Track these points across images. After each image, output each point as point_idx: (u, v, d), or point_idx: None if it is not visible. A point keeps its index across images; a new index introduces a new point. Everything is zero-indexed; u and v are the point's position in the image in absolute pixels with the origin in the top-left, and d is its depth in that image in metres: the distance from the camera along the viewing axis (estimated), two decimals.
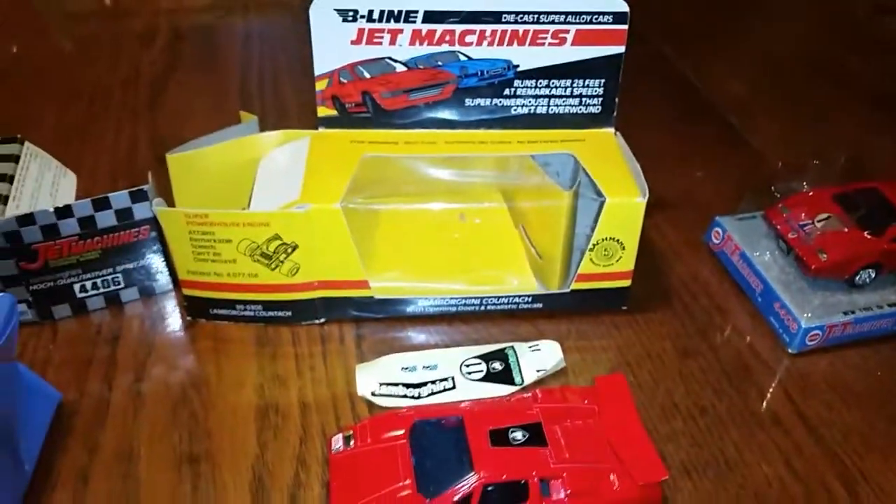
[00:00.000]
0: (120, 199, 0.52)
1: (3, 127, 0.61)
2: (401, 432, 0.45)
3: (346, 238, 0.53)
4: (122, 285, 0.56)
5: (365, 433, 0.46)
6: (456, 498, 0.41)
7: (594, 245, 0.54)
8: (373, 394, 0.51)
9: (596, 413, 0.46)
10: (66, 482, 0.46)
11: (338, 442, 0.46)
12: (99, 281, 0.55)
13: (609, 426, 0.45)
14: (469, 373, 0.53)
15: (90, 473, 0.46)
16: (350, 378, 0.53)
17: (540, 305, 0.57)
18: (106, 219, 0.53)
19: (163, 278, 0.58)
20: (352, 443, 0.45)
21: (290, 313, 0.56)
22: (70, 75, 0.87)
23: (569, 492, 0.42)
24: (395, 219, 0.61)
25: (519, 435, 0.44)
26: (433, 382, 0.52)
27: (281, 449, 0.48)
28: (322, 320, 0.57)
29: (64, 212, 0.51)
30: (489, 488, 0.41)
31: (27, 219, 0.51)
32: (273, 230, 0.52)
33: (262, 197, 0.55)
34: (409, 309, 0.56)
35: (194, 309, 0.56)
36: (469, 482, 0.41)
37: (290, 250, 0.53)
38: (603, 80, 0.58)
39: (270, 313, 0.56)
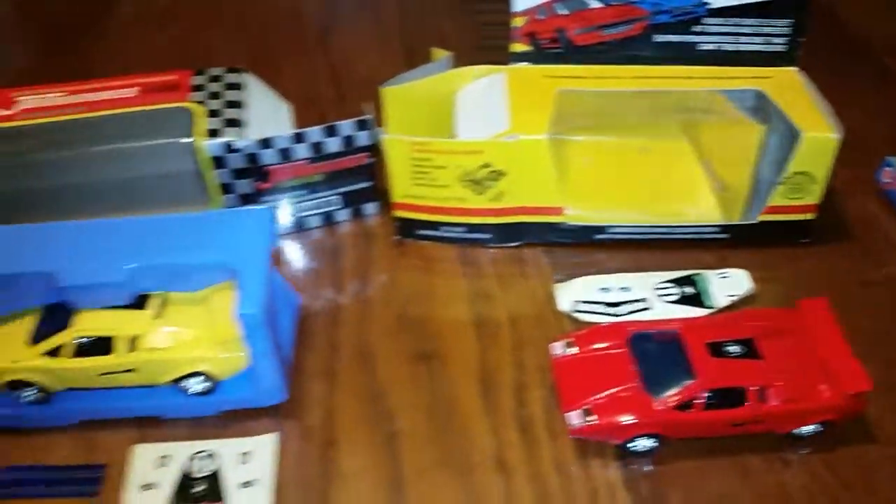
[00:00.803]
0: (346, 127, 0.57)
1: (178, 62, 0.66)
2: (619, 342, 0.50)
3: (548, 167, 0.57)
4: (338, 206, 0.62)
5: (584, 341, 0.51)
6: (680, 400, 0.46)
7: (786, 178, 0.57)
8: (574, 310, 0.56)
9: (801, 331, 0.50)
10: (318, 374, 0.53)
11: (559, 348, 0.51)
12: (319, 202, 0.61)
13: (815, 342, 0.49)
14: (662, 295, 0.57)
15: (337, 367, 0.53)
16: (549, 296, 0.57)
17: (726, 235, 0.60)
18: (333, 145, 0.58)
19: (373, 202, 0.63)
20: (571, 349, 0.51)
21: (489, 236, 0.61)
22: (235, 10, 0.91)
23: (783, 399, 0.46)
24: (583, 150, 0.64)
25: (734, 348, 0.48)
26: (629, 302, 0.57)
27: (499, 354, 0.54)
28: (517, 243, 0.61)
29: (299, 137, 0.56)
30: (710, 393, 0.46)
31: (267, 142, 0.56)
32: (485, 158, 0.56)
33: (468, 127, 0.59)
34: (599, 235, 0.60)
35: (403, 229, 0.61)
36: (692, 386, 0.46)
37: (497, 177, 0.57)
38: (790, 20, 0.60)
39: (472, 235, 0.61)
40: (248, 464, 0.48)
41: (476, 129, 0.59)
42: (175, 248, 0.47)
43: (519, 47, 0.62)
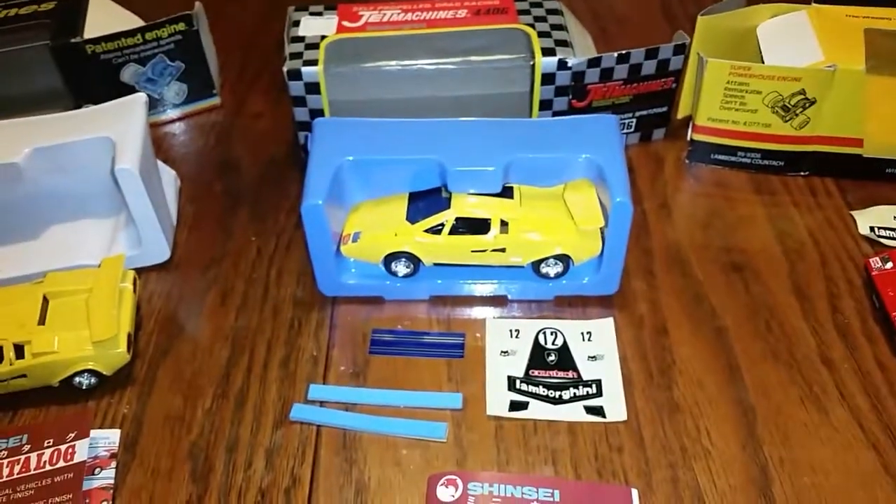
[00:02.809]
0: (665, 51, 0.62)
1: None
2: None
3: (859, 98, 0.60)
4: (631, 130, 0.67)
5: None
6: None
7: None
8: (873, 234, 0.59)
9: None
10: (637, 273, 0.58)
11: (877, 262, 0.55)
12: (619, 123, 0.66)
13: None
14: None
15: (653, 269, 0.58)
16: (845, 220, 0.61)
17: None
18: (648, 67, 0.62)
19: (662, 127, 0.67)
20: (887, 265, 0.54)
21: (782, 163, 0.65)
22: None
23: None
24: (878, 87, 0.64)
25: None
26: None
27: (807, 268, 0.58)
28: (807, 172, 0.65)
29: (623, 58, 0.61)
30: None
31: (594, 62, 0.61)
32: (801, 85, 0.60)
33: (775, 57, 0.63)
34: (891, 169, 0.63)
35: (697, 153, 0.66)
36: None
37: (807, 105, 0.61)
38: None
39: (765, 162, 0.65)
40: (592, 342, 0.54)
41: (784, 60, 0.62)
42: (545, 146, 0.53)
43: None
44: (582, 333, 0.55)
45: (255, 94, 0.76)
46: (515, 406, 0.51)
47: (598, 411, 0.51)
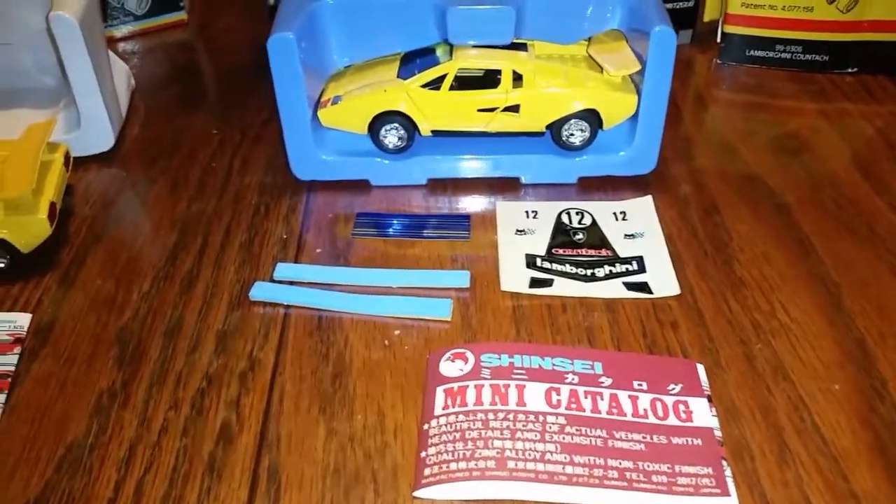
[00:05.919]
0: None
1: None
2: None
3: None
4: None
5: None
6: None
7: None
8: None
9: None
10: (675, 159, 0.48)
11: None
12: None
13: None
14: None
15: (694, 154, 0.49)
16: None
17: None
18: None
19: (688, 28, 0.59)
20: None
21: (826, 58, 0.57)
22: None
23: None
24: None
25: None
26: None
27: (873, 149, 0.49)
28: (854, 69, 0.57)
29: None
30: None
31: None
32: None
33: None
34: None
35: (730, 51, 0.58)
36: None
37: None
38: None
39: (807, 56, 0.57)
40: (627, 220, 0.44)
41: None
42: None
43: None
44: (615, 213, 0.45)
45: (227, 11, 0.68)
46: (537, 283, 0.41)
47: (642, 287, 0.40)
